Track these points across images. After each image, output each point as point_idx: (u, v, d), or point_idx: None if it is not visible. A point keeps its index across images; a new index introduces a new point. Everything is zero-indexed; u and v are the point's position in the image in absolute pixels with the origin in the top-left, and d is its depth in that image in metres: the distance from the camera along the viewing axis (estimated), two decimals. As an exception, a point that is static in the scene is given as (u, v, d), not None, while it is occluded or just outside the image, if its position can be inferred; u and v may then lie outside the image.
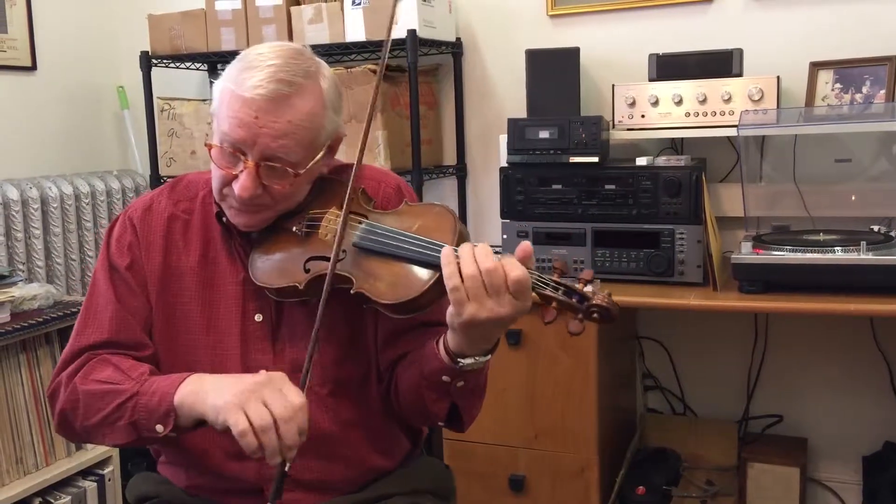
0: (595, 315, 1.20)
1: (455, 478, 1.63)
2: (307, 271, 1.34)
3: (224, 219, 1.42)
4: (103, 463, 2.54)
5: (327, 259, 1.31)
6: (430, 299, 1.26)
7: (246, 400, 1.20)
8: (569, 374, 2.34)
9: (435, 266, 1.23)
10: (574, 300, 1.20)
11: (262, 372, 1.26)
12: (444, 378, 1.29)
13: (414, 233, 1.30)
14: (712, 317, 2.69)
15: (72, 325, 1.44)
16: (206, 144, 1.36)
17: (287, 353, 1.40)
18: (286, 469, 1.23)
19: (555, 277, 1.22)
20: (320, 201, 1.41)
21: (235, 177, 1.31)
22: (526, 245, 1.22)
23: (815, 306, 2.10)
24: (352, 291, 1.29)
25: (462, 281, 1.18)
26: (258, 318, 1.42)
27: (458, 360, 1.26)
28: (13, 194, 2.70)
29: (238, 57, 1.35)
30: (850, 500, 2.64)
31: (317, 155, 1.36)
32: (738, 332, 2.69)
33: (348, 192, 1.33)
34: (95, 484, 2.50)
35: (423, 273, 1.26)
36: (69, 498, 2.42)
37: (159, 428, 1.28)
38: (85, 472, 2.50)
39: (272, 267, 1.37)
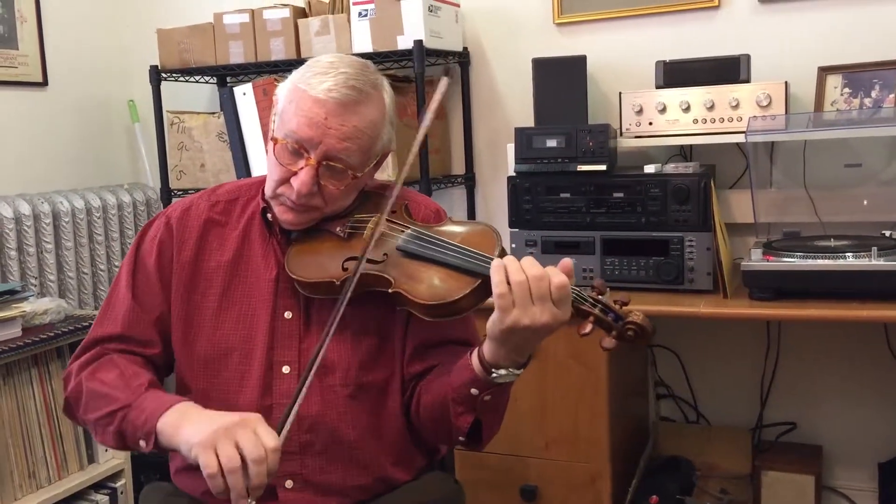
0: (630, 333, 1.27)
1: (465, 494, 1.62)
2: (345, 269, 1.39)
3: (269, 215, 1.48)
4: (116, 476, 2.54)
5: (368, 261, 1.37)
6: (466, 305, 1.31)
7: (218, 439, 1.21)
8: (580, 383, 2.33)
9: (476, 275, 1.30)
10: (610, 317, 1.27)
11: (238, 414, 1.28)
12: (473, 390, 1.32)
13: (458, 243, 1.36)
14: (724, 324, 2.68)
15: (83, 339, 1.49)
16: (271, 138, 1.42)
17: (312, 351, 1.42)
18: None
19: (594, 294, 1.29)
20: (365, 209, 1.48)
21: (294, 173, 1.38)
22: (567, 261, 1.27)
23: (826, 313, 2.08)
24: (390, 290, 1.35)
25: (509, 287, 1.22)
26: (287, 315, 1.46)
27: (493, 370, 1.29)
28: (25, 209, 2.72)
29: (307, 64, 1.42)
30: (866, 507, 2.62)
31: (371, 163, 1.44)
32: (751, 340, 2.68)
33: (397, 184, 1.39)
34: (108, 497, 2.51)
35: (463, 280, 1.31)
36: (82, 511, 2.43)
37: (142, 444, 1.33)
38: (97, 486, 2.51)
39: (309, 262, 1.43)
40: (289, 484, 1.42)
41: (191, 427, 1.27)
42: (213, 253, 1.49)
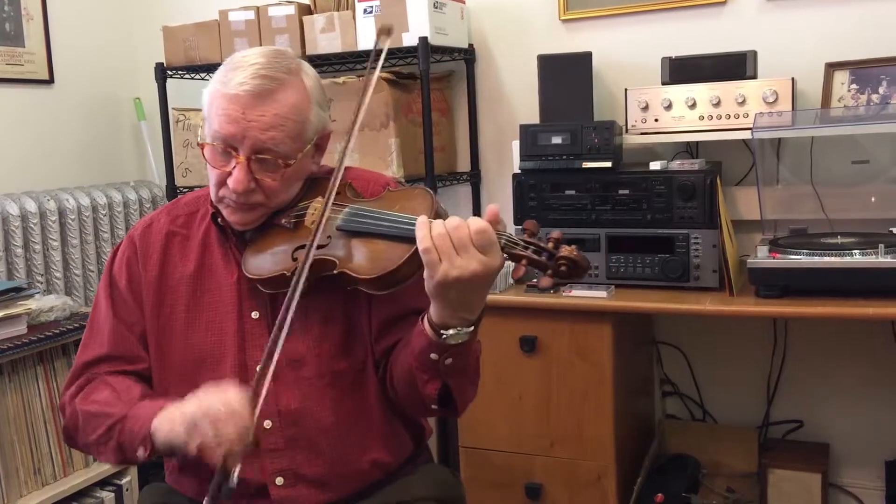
0: (563, 268, 1.23)
1: (463, 485, 1.62)
2: (295, 259, 1.39)
3: (220, 220, 1.48)
4: (121, 473, 2.55)
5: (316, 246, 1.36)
6: (409, 271, 1.30)
7: (196, 420, 1.26)
8: (585, 381, 2.32)
9: (412, 239, 1.27)
10: (543, 257, 1.24)
11: (214, 392, 1.30)
12: (433, 355, 1.31)
13: (395, 212, 1.35)
14: (730, 322, 2.66)
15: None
16: (198, 144, 1.43)
17: (284, 347, 1.41)
18: (233, 475, 1.27)
19: (525, 237, 1.26)
20: (309, 195, 1.47)
21: (229, 174, 1.38)
22: (493, 207, 1.26)
23: (833, 311, 2.07)
24: (335, 272, 1.34)
25: (432, 242, 1.21)
26: (255, 315, 1.46)
27: (442, 331, 1.28)
28: (31, 206, 2.73)
29: (225, 61, 1.42)
30: (874, 506, 2.60)
31: (305, 148, 1.41)
32: (757, 337, 2.66)
33: (336, 172, 1.38)
34: (113, 494, 2.51)
35: (401, 247, 1.31)
36: (87, 508, 2.44)
37: (140, 452, 1.34)
38: (102, 483, 2.52)
39: (263, 259, 1.43)
40: (279, 481, 1.43)
41: (178, 420, 1.29)
42: (177, 265, 1.50)
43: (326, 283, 1.36)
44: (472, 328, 1.30)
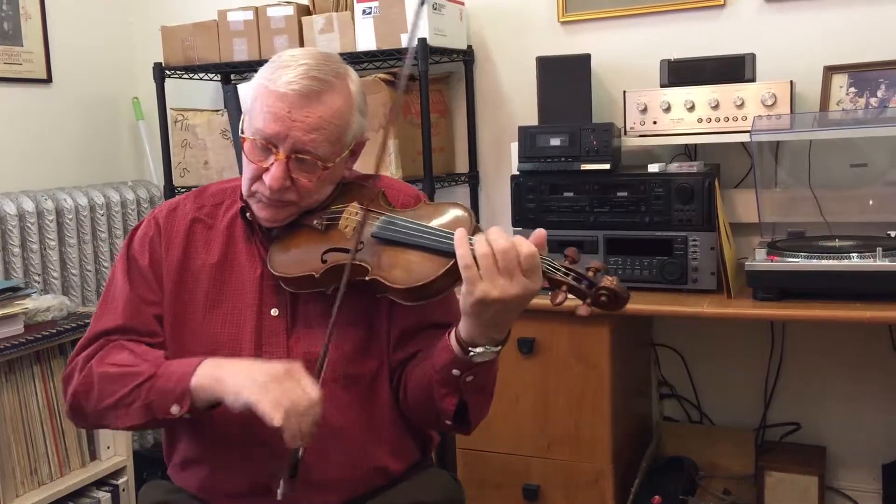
0: (603, 298, 1.24)
1: (465, 491, 1.62)
2: (324, 262, 1.39)
3: (248, 214, 1.48)
4: (117, 473, 2.55)
5: (345, 250, 1.37)
6: (443, 285, 1.31)
7: (268, 388, 1.26)
8: (582, 383, 2.32)
9: (449, 253, 1.28)
10: (583, 285, 1.25)
11: (280, 363, 1.32)
12: (455, 371, 1.32)
13: (432, 224, 1.36)
14: (728, 324, 2.67)
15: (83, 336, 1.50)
16: (241, 137, 1.43)
17: (301, 347, 1.44)
18: (300, 454, 1.31)
19: (565, 263, 1.27)
20: (342, 199, 1.48)
21: (266, 170, 1.38)
22: (540, 231, 1.25)
23: (831, 314, 2.07)
24: (367, 278, 1.35)
25: (475, 259, 1.22)
26: (274, 312, 1.46)
27: (470, 349, 1.29)
28: (29, 206, 2.72)
29: (272, 59, 1.42)
30: (870, 509, 2.61)
31: (343, 152, 1.42)
32: (755, 340, 2.67)
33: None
34: (110, 494, 2.51)
35: (437, 261, 1.31)
36: (84, 509, 2.43)
37: (174, 409, 1.33)
38: (99, 483, 2.51)
39: (290, 258, 1.43)
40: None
41: (234, 378, 1.31)
42: (200, 253, 1.50)
43: (354, 287, 1.36)
44: (499, 347, 1.30)
